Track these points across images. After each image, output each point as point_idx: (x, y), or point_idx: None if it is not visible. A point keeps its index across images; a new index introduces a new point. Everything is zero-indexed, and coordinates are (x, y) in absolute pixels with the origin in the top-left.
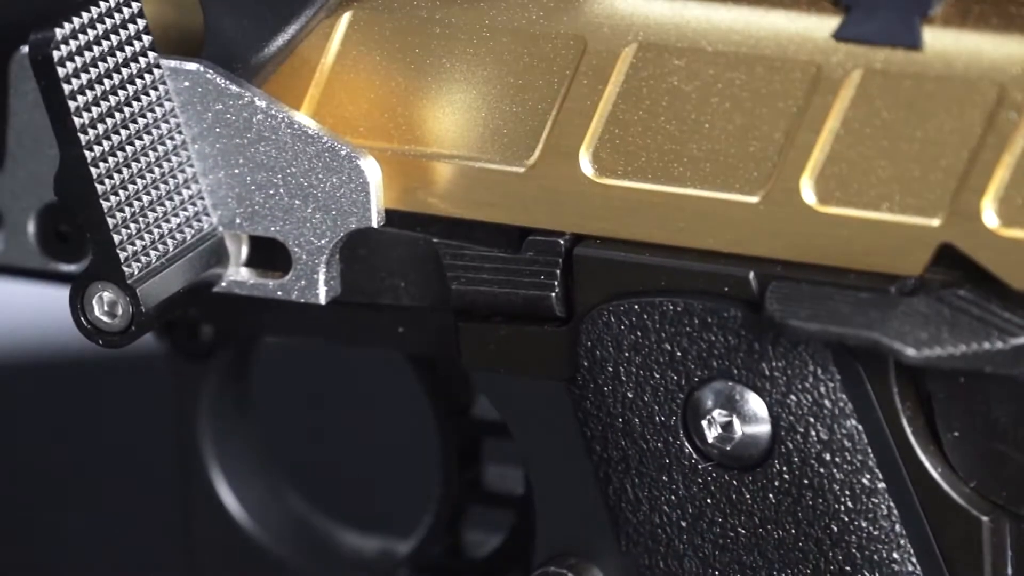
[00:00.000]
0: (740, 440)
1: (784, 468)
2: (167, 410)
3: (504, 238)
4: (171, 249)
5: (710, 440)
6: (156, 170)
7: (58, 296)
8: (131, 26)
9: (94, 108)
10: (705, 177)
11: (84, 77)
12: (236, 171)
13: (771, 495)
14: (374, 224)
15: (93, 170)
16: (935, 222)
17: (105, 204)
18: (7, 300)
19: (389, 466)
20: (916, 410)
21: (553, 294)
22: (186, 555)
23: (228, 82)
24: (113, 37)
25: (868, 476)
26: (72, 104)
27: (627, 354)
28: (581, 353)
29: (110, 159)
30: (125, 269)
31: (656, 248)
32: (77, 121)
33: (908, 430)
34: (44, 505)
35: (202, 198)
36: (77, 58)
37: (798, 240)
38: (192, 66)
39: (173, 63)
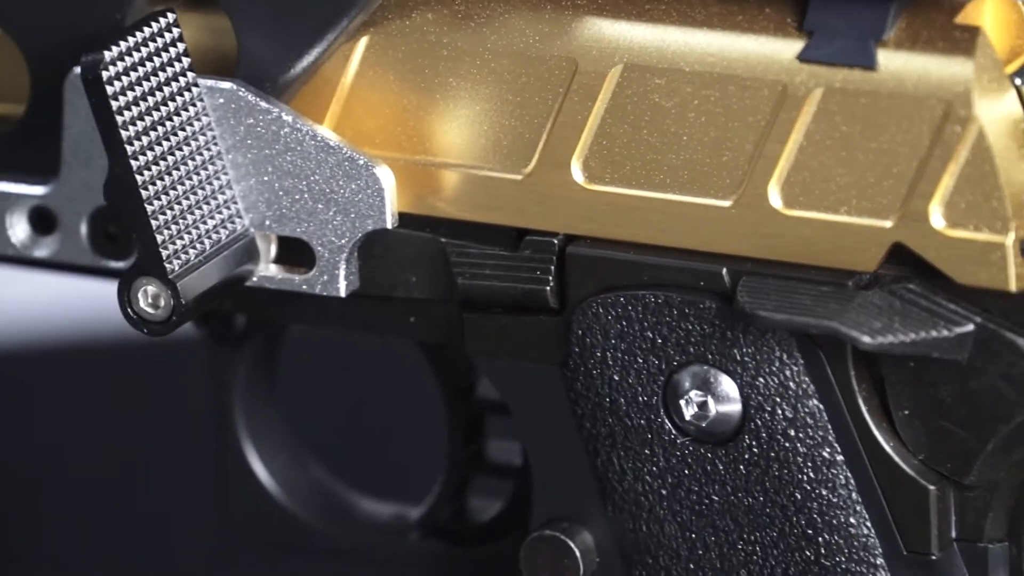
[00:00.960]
0: (714, 418)
1: (753, 442)
2: (204, 390)
3: (504, 238)
4: (208, 248)
5: (687, 417)
6: (194, 177)
7: (108, 290)
8: (172, 49)
9: (139, 122)
10: (683, 184)
11: (130, 95)
12: (266, 178)
13: (742, 467)
14: (388, 225)
15: (138, 178)
16: (888, 224)
17: (149, 208)
18: (68, 293)
19: (402, 439)
20: (871, 391)
21: (548, 288)
22: (222, 517)
23: (258, 99)
24: (156, 59)
25: (828, 450)
26: (119, 119)
27: (614, 341)
28: (572, 340)
29: (153, 168)
30: (167, 266)
31: (640, 247)
32: (124, 134)
33: (864, 409)
34: (100, 471)
35: (235, 202)
36: (124, 77)
37: (766, 240)
38: (226, 85)
39: (209, 82)
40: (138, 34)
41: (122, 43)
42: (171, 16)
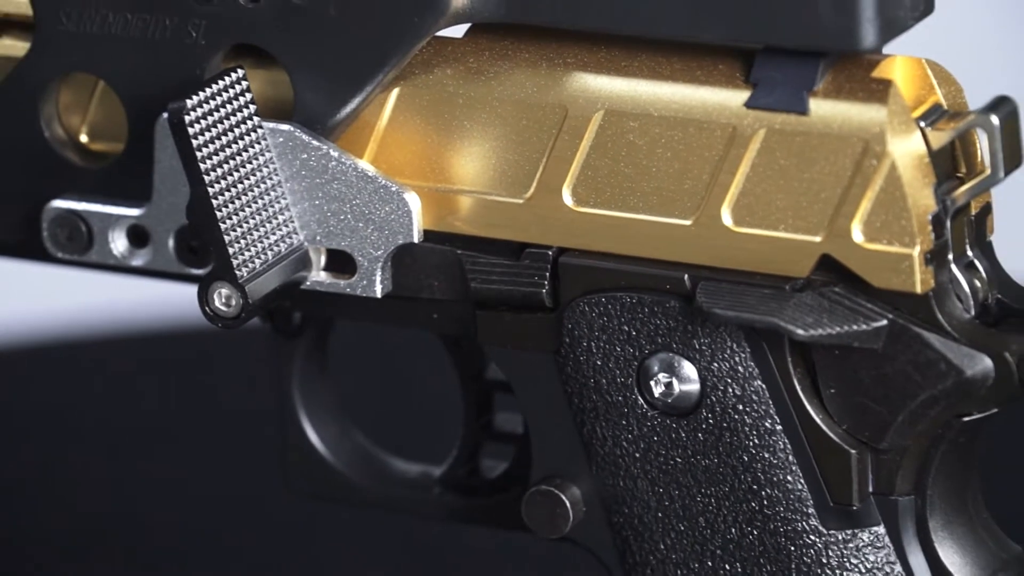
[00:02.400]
0: (678, 395)
1: (710, 415)
2: (269, 374)
3: (508, 250)
4: (270, 258)
5: (656, 395)
6: (259, 201)
7: (190, 292)
8: (241, 98)
9: (214, 157)
10: (653, 206)
11: (207, 135)
12: (316, 202)
13: (700, 435)
14: (415, 240)
15: (214, 201)
16: (817, 238)
17: (223, 226)
18: (162, 297)
19: (427, 413)
20: (804, 374)
21: (544, 290)
22: (284, 475)
23: (311, 138)
24: (228, 106)
25: (769, 421)
26: (199, 154)
27: (597, 333)
28: (564, 333)
29: (226, 193)
30: (237, 272)
31: (618, 257)
32: (202, 167)
33: (798, 388)
34: (179, 441)
35: (292, 221)
36: (202, 121)
37: (719, 251)
38: (285, 127)
39: (271, 124)
40: (214, 86)
41: (201, 93)
42: (241, 71)
